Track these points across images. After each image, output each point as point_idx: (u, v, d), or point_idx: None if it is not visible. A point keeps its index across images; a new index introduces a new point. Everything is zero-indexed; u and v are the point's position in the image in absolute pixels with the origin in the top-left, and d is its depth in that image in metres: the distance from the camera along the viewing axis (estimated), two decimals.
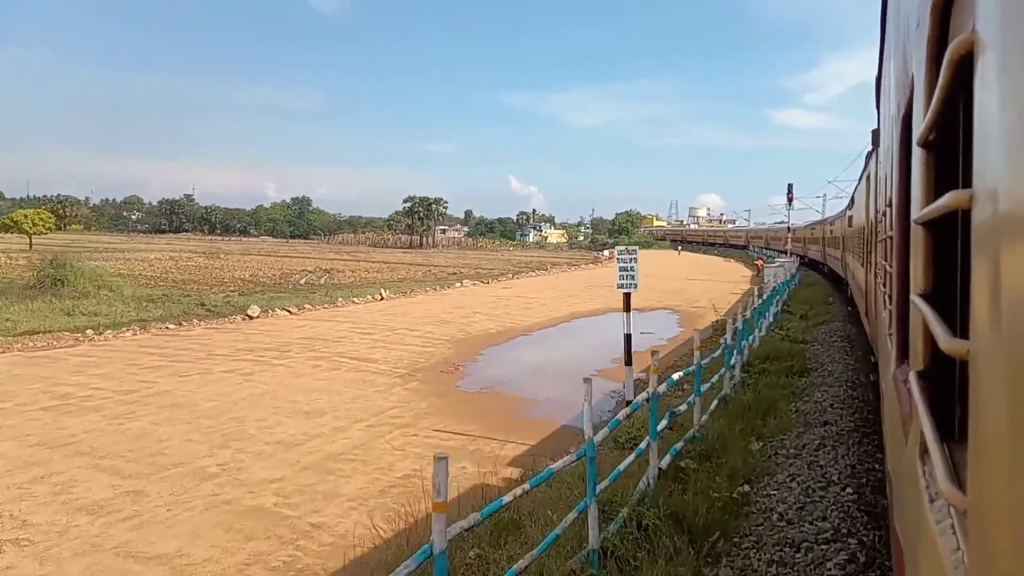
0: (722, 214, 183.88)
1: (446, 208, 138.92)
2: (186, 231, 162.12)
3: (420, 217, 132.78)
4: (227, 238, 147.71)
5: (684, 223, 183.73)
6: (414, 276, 51.16)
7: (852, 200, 19.63)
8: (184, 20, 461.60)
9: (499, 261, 77.41)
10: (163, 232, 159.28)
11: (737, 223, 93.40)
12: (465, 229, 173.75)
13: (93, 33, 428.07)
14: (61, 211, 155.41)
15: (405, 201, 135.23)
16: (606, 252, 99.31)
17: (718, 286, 43.02)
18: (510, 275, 54.49)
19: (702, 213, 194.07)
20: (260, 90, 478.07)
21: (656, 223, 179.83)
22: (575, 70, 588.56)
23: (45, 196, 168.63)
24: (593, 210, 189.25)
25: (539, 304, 33.52)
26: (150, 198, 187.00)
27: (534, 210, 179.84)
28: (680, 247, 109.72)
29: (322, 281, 44.89)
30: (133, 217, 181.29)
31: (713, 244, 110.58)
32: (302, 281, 44.19)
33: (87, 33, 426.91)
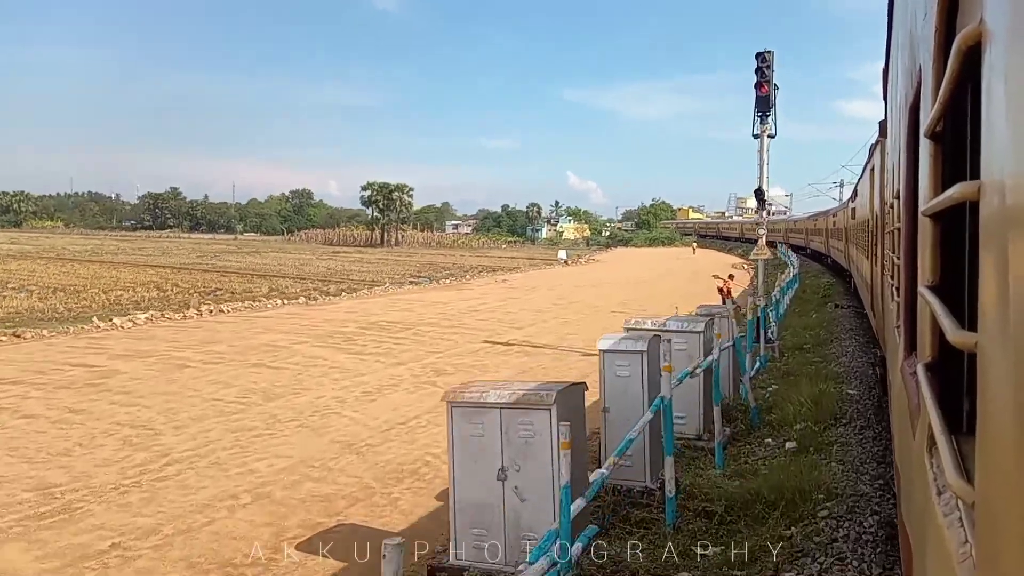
0: (770, 204, 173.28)
1: (411, 196, 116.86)
2: (170, 227, 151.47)
3: (380, 208, 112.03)
4: (203, 235, 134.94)
5: (725, 215, 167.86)
6: (151, 297, 32.79)
7: (855, 191, 19.56)
8: (238, 17, 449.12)
9: (430, 265, 60.77)
10: (136, 229, 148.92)
11: (787, 213, 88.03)
12: (473, 223, 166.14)
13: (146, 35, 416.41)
14: (16, 206, 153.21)
15: (363, 189, 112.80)
16: (561, 254, 76.74)
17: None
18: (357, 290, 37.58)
19: (751, 204, 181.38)
20: (327, 90, 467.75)
21: (692, 215, 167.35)
22: (638, 63, 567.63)
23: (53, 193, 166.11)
24: (642, 203, 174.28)
25: None
26: (197, 195, 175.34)
27: (557, 202, 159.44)
28: (695, 244, 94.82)
29: None
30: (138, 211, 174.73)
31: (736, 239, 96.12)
32: None
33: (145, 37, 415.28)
